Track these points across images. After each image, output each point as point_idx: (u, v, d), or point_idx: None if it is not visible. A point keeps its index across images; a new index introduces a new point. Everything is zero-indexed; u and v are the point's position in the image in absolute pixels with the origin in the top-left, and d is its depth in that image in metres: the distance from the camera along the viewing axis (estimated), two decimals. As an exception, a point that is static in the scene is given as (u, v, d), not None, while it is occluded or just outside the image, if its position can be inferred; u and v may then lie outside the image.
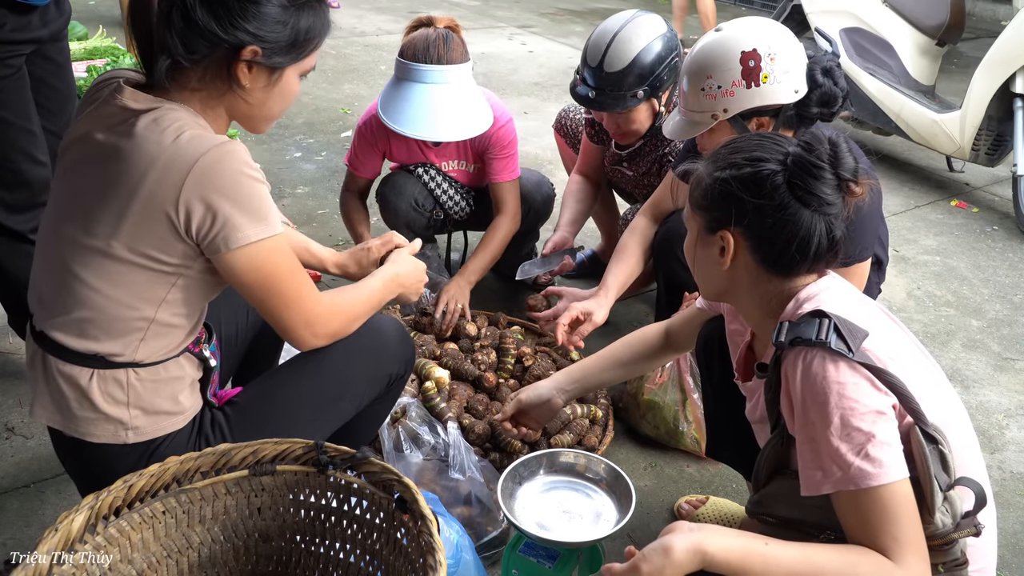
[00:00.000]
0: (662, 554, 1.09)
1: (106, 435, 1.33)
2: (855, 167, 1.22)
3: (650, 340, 1.79)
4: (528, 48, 6.26)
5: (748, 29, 1.77)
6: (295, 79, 1.35)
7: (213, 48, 1.24)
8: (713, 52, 1.77)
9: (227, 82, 1.28)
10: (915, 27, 4.17)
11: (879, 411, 1.10)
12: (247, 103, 1.32)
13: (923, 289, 3.16)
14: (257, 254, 1.27)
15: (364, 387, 1.54)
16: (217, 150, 1.21)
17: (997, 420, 2.40)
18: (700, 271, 1.36)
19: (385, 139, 2.50)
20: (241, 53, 1.25)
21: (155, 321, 1.30)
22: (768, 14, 7.82)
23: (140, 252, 1.25)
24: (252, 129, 1.39)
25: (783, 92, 1.75)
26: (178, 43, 1.21)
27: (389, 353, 1.57)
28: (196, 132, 1.23)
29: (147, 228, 1.23)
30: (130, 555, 1.24)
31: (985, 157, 3.85)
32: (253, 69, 1.28)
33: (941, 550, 1.12)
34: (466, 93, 2.33)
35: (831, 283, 1.27)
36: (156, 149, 1.21)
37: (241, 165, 1.23)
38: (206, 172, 1.20)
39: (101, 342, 1.29)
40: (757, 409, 1.38)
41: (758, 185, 1.22)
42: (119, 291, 1.27)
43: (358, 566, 1.38)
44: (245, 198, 1.23)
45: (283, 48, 1.28)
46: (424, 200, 2.58)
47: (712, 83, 1.76)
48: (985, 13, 8.29)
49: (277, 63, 1.29)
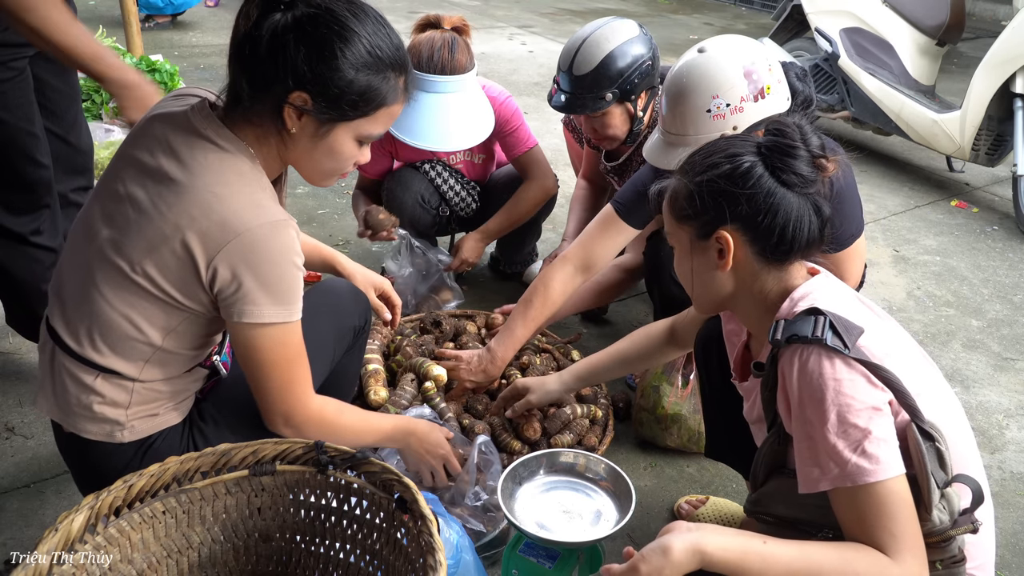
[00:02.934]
0: (661, 554, 1.09)
1: (102, 433, 1.34)
2: (822, 143, 1.27)
3: (655, 337, 1.81)
4: (528, 48, 6.26)
5: (736, 45, 1.78)
6: (348, 140, 1.29)
7: (267, 88, 1.22)
8: (712, 71, 1.74)
9: (276, 124, 1.26)
10: (915, 27, 4.18)
11: (875, 407, 1.10)
12: (293, 150, 1.29)
13: (923, 289, 3.16)
14: (266, 335, 1.27)
15: (333, 343, 1.60)
16: (268, 228, 1.21)
17: (997, 420, 2.40)
18: (698, 282, 1.35)
19: (391, 140, 2.50)
20: (290, 97, 1.22)
21: (160, 349, 1.31)
22: (768, 14, 7.83)
23: (160, 286, 1.25)
24: (309, 180, 1.37)
25: (781, 101, 1.77)
26: (244, 78, 1.22)
27: (346, 308, 1.64)
28: (255, 199, 1.23)
29: (175, 268, 1.23)
30: (130, 555, 1.24)
31: (985, 157, 3.86)
32: (303, 117, 1.24)
33: (939, 547, 1.12)
34: (472, 99, 2.34)
35: (826, 281, 1.28)
36: (211, 202, 1.20)
37: (284, 250, 1.23)
38: (249, 245, 1.20)
39: (107, 358, 1.30)
40: (755, 409, 1.39)
41: (743, 178, 1.23)
42: (132, 313, 1.27)
43: (358, 566, 1.38)
44: (276, 280, 1.23)
45: (334, 102, 1.23)
46: (430, 197, 2.59)
47: (720, 102, 1.72)
48: (985, 13, 8.29)
49: (326, 117, 1.25)
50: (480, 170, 2.68)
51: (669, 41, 6.89)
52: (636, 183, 2.00)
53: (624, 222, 2.00)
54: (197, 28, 6.09)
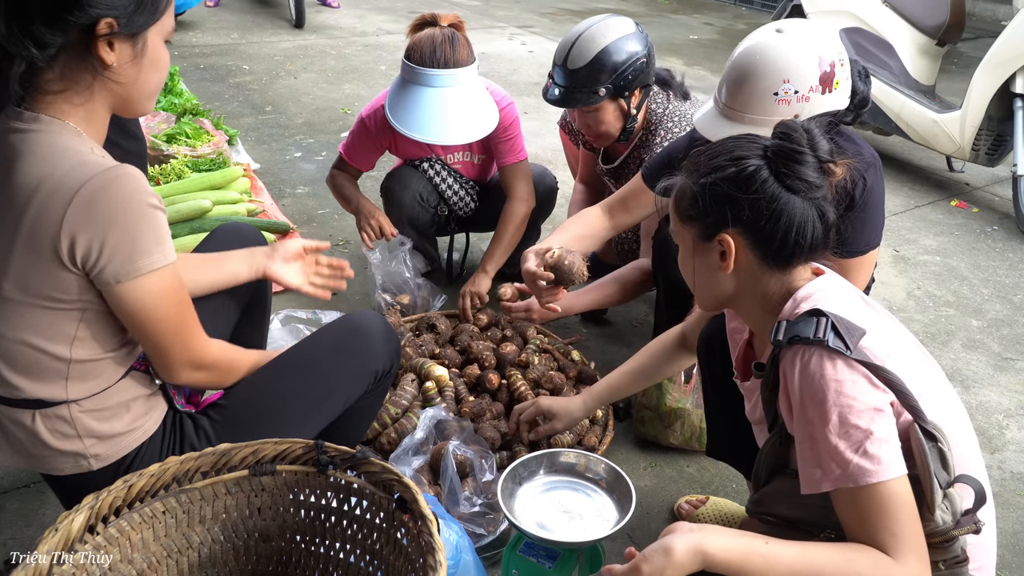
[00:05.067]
0: (663, 555, 1.09)
1: (69, 466, 1.32)
2: (831, 148, 1.25)
3: (668, 345, 1.83)
4: (528, 48, 6.26)
5: (817, 33, 1.74)
6: (161, 45, 1.26)
7: (65, 34, 1.15)
8: (787, 55, 1.69)
9: (91, 69, 1.19)
10: (915, 27, 4.17)
11: (877, 408, 1.10)
12: (119, 83, 1.23)
13: (923, 289, 3.16)
14: (145, 289, 1.21)
15: (350, 385, 1.54)
16: (102, 180, 1.15)
17: (997, 420, 2.40)
18: (700, 281, 1.35)
19: (390, 135, 2.50)
20: (97, 29, 1.16)
21: (73, 361, 1.25)
22: (768, 14, 7.83)
23: (33, 292, 1.19)
24: (135, 112, 1.29)
25: (843, 98, 1.74)
26: (28, 43, 1.13)
27: (375, 350, 1.56)
28: (80, 159, 1.16)
29: (35, 265, 1.17)
30: (130, 555, 1.24)
31: (985, 157, 3.86)
32: (115, 44, 1.19)
33: (941, 547, 1.12)
34: (474, 93, 2.34)
35: (829, 282, 1.27)
36: (35, 181, 1.15)
37: (129, 195, 1.16)
38: (91, 200, 1.14)
39: (26, 390, 1.25)
40: (757, 409, 1.38)
41: (747, 182, 1.23)
42: (24, 335, 1.22)
43: (358, 566, 1.38)
44: (133, 229, 1.17)
45: (135, 10, 1.19)
46: (429, 196, 2.58)
47: (789, 87, 1.69)
48: (985, 13, 8.29)
49: (137, 28, 1.20)
50: (479, 170, 2.68)
51: (669, 41, 6.89)
52: (669, 151, 2.08)
53: (650, 189, 2.08)
54: (197, 28, 6.09)
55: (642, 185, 2.12)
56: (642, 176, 2.12)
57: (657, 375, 1.88)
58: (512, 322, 2.39)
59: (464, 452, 1.79)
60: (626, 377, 1.88)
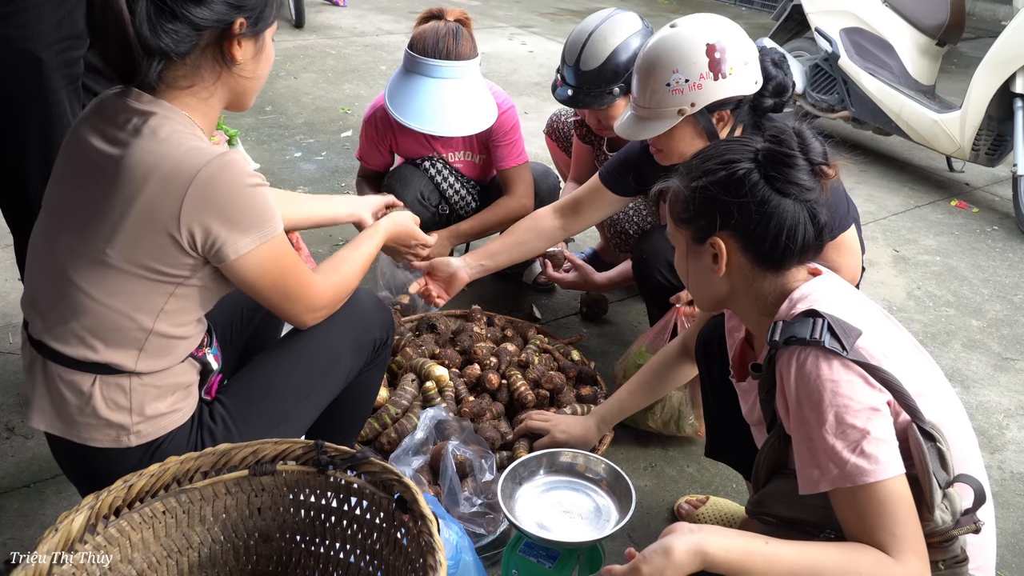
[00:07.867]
0: (663, 555, 1.09)
1: (108, 440, 1.33)
2: (824, 150, 1.26)
3: (671, 356, 1.85)
4: (528, 48, 6.26)
5: (705, 22, 1.79)
6: (271, 40, 1.36)
7: (201, 34, 1.22)
8: (675, 46, 1.76)
9: (220, 65, 1.28)
10: (915, 27, 4.17)
11: (873, 408, 1.10)
12: (243, 78, 1.32)
13: (923, 289, 3.16)
14: (258, 261, 1.29)
15: (351, 356, 1.57)
16: (215, 166, 1.21)
17: (997, 420, 2.40)
18: (695, 283, 1.37)
19: (392, 132, 2.51)
20: (232, 29, 1.24)
21: (153, 332, 1.30)
22: (768, 14, 7.82)
23: (137, 263, 1.24)
24: (243, 106, 1.39)
25: (746, 83, 1.78)
26: (168, 41, 1.20)
27: (368, 319, 1.61)
28: (193, 144, 1.23)
29: (145, 239, 1.22)
30: (130, 555, 1.24)
31: (985, 157, 3.86)
32: (243, 42, 1.27)
33: (941, 547, 1.12)
34: (474, 88, 2.34)
35: (825, 283, 1.28)
36: (153, 160, 1.20)
37: (236, 178, 1.23)
38: (208, 184, 1.21)
39: (100, 353, 1.28)
40: (754, 410, 1.39)
41: (736, 185, 1.24)
42: (116, 300, 1.26)
43: (358, 566, 1.38)
44: (243, 211, 1.25)
45: (262, 11, 1.29)
46: (430, 194, 2.59)
47: (679, 77, 1.74)
48: (985, 13, 8.29)
49: (261, 28, 1.30)
50: (479, 170, 2.68)
51: (669, 41, 6.88)
52: (626, 152, 2.12)
53: (608, 190, 2.13)
54: (197, 28, 6.09)
55: (600, 186, 2.15)
56: (599, 177, 2.15)
57: (662, 389, 1.91)
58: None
59: (464, 452, 1.80)
60: (633, 396, 1.91)
